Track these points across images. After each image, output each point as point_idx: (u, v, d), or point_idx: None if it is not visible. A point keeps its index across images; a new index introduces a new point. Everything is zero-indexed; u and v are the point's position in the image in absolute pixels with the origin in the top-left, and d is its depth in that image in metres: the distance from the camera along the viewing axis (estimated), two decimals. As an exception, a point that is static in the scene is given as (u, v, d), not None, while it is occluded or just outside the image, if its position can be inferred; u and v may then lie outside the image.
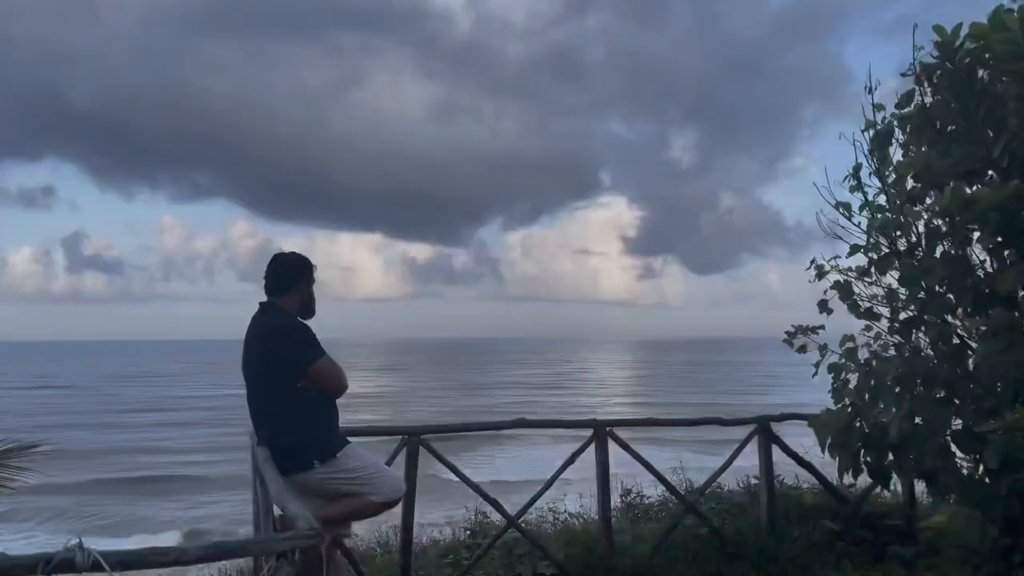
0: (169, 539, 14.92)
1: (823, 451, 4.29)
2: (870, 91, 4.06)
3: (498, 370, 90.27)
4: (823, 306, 4.32)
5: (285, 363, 3.55)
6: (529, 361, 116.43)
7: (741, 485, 6.14)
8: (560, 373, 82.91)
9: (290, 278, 3.77)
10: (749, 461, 5.52)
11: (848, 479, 6.52)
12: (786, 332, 4.48)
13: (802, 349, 4.44)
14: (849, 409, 4.13)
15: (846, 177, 4.16)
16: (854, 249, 4.10)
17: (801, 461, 5.56)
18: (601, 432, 5.01)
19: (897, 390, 3.95)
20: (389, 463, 4.70)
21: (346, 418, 3.89)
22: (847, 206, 4.29)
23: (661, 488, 5.85)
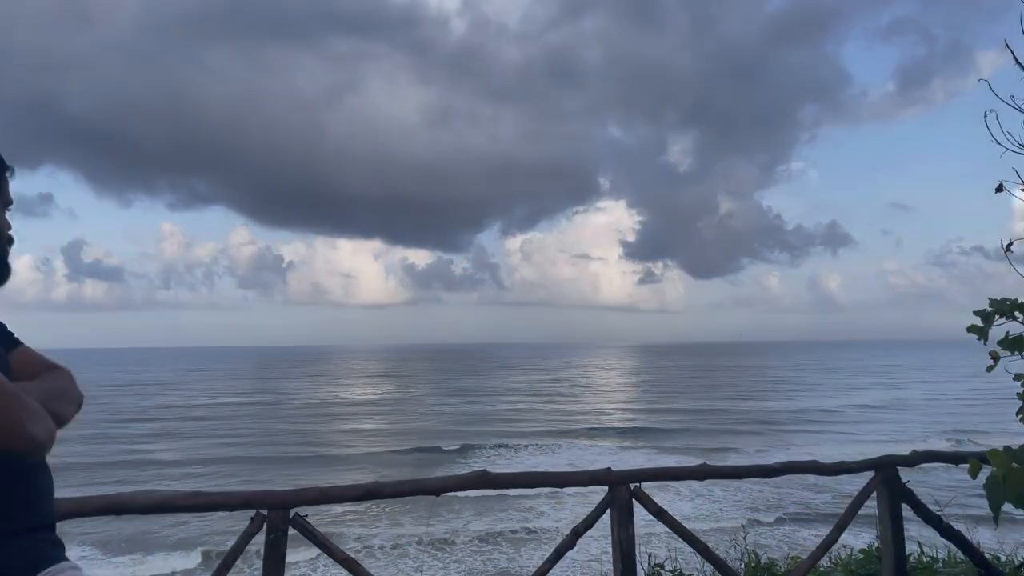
0: (163, 559, 14.99)
1: (996, 516, 2.28)
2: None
3: (497, 376, 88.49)
4: (1065, 260, 2.18)
5: None
6: (529, 367, 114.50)
7: (841, 555, 3.94)
8: (559, 379, 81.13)
9: None
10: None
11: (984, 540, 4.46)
12: (978, 313, 2.36)
13: (1014, 344, 2.31)
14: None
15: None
16: None
17: (948, 530, 3.38)
18: (621, 492, 2.86)
19: None
20: (234, 556, 2.56)
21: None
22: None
23: (707, 564, 3.69)
